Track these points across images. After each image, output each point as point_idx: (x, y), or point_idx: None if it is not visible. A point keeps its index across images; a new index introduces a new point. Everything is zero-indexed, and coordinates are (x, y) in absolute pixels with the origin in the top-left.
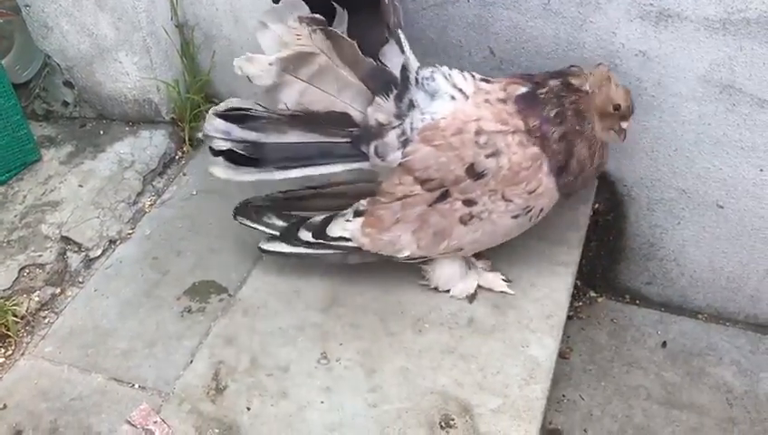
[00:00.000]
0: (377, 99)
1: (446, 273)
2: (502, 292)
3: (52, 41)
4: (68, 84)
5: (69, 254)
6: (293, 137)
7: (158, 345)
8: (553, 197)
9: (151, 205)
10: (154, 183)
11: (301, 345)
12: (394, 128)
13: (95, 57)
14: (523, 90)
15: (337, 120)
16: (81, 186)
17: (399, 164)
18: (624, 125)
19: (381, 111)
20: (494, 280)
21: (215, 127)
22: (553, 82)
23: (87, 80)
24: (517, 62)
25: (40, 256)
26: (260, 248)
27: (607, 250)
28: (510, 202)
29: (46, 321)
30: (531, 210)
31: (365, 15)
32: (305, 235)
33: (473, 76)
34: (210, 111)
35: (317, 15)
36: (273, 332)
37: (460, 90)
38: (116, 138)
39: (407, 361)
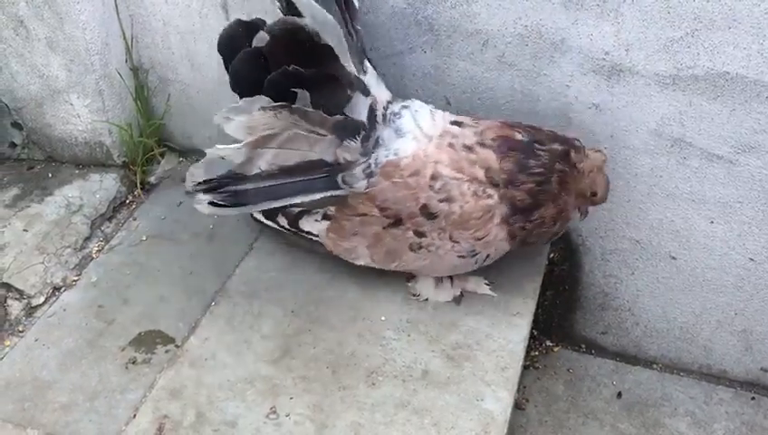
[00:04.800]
0: (344, 143)
1: (427, 284)
2: (484, 294)
3: (1, 81)
4: (16, 125)
5: (9, 301)
6: (272, 181)
7: (99, 398)
8: (501, 247)
9: (99, 251)
10: (102, 228)
11: (249, 399)
12: (360, 164)
13: (45, 98)
14: (520, 137)
15: (312, 166)
16: (25, 230)
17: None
18: (590, 209)
19: (348, 151)
20: (478, 284)
21: (197, 198)
22: (556, 146)
23: (36, 121)
24: (473, 113)
25: None
26: (254, 218)
27: (562, 300)
28: (457, 243)
29: None
30: (477, 254)
31: (326, 88)
32: (282, 220)
33: (443, 117)
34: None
35: (279, 103)
36: (221, 385)
37: (423, 130)
38: (65, 181)
39: (359, 415)
